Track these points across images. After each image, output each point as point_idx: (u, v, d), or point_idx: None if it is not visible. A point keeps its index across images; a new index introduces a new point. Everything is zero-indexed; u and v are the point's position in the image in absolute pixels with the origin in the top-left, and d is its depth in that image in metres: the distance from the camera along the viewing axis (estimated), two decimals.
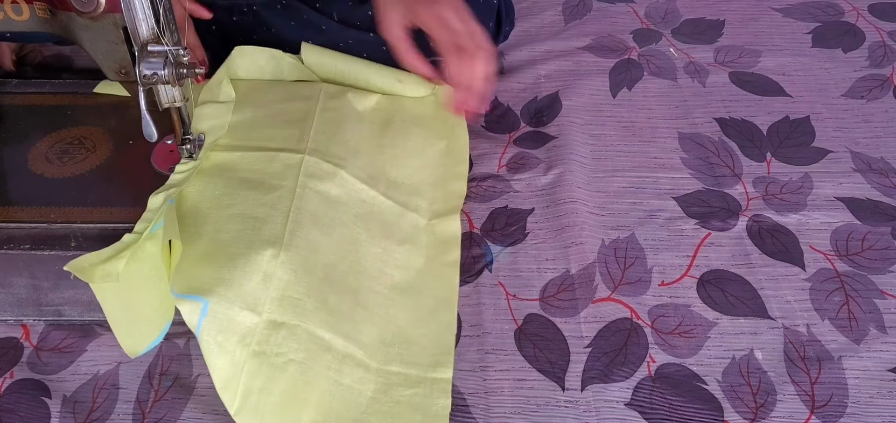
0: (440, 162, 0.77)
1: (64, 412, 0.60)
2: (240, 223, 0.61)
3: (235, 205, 0.62)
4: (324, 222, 0.64)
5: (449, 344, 0.63)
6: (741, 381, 0.62)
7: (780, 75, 0.92)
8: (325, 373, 0.58)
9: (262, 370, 0.56)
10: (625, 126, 0.86)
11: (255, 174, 0.65)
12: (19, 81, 0.78)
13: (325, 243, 0.63)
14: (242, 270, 0.58)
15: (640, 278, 0.70)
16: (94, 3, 0.56)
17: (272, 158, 0.67)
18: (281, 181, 0.65)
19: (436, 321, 0.64)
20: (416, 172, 0.75)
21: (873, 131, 0.84)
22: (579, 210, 0.75)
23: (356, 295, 0.63)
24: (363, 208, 0.68)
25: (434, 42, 0.73)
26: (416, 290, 0.66)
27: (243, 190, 0.63)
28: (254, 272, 0.58)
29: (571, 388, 0.62)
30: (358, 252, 0.65)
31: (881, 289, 0.68)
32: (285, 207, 0.62)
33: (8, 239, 0.62)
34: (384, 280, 0.66)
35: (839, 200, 0.76)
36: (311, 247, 0.61)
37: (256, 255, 0.58)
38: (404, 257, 0.68)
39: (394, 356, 0.62)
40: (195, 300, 0.56)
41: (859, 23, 1.00)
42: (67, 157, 0.70)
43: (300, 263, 0.60)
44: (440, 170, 0.76)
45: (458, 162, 0.78)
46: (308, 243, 0.61)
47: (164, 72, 0.57)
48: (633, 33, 0.99)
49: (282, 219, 0.61)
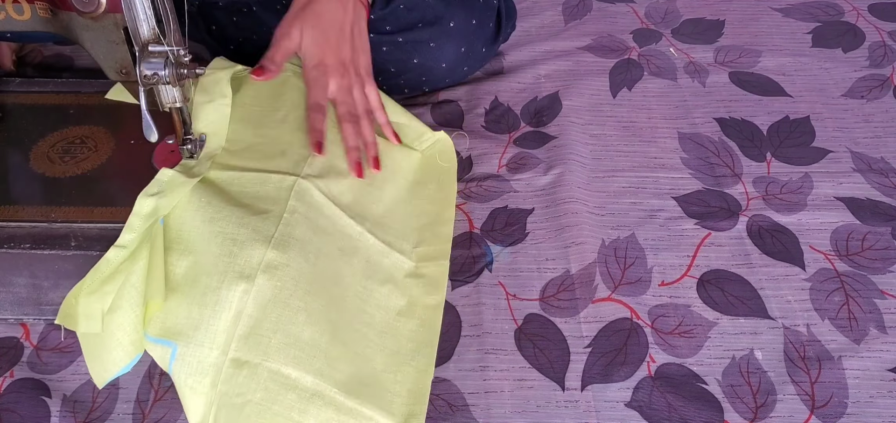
0: (427, 206, 0.75)
1: (64, 411, 0.60)
2: (219, 245, 0.59)
3: (219, 221, 0.60)
4: (308, 250, 0.61)
5: (424, 391, 0.60)
6: (741, 381, 0.62)
7: (780, 75, 0.92)
8: (286, 414, 0.56)
9: (223, 410, 0.55)
10: (625, 126, 0.86)
11: (245, 196, 0.63)
12: (22, 81, 0.78)
13: (307, 272, 0.60)
14: (212, 309, 0.56)
15: (640, 278, 0.70)
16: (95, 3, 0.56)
17: (265, 179, 0.65)
18: (269, 205, 0.62)
19: (412, 367, 0.62)
20: (403, 212, 0.73)
21: (873, 131, 0.84)
22: (579, 210, 0.75)
23: (335, 329, 0.60)
24: (348, 243, 0.66)
25: (334, 107, 0.74)
26: (396, 332, 0.64)
27: (230, 207, 0.61)
28: (224, 310, 0.56)
29: (571, 388, 0.62)
30: (339, 286, 0.62)
31: (881, 289, 0.68)
32: (268, 232, 0.60)
33: (8, 238, 0.62)
34: (363, 319, 0.63)
35: (839, 200, 0.76)
36: (291, 275, 0.59)
37: (228, 291, 0.57)
38: (385, 298, 0.65)
39: (369, 396, 0.58)
40: (165, 345, 0.57)
41: (859, 23, 1.00)
42: (69, 156, 0.70)
43: (274, 295, 0.57)
44: (427, 213, 0.74)
45: (446, 207, 0.75)
46: (288, 272, 0.59)
47: (165, 72, 0.57)
48: (633, 33, 0.99)
49: (262, 246, 0.59)
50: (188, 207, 0.62)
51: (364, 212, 0.69)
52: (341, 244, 0.65)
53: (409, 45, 0.83)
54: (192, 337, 0.56)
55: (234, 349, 0.56)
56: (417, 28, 0.82)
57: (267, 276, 0.57)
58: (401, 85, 0.86)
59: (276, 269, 0.58)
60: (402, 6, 0.82)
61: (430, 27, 0.82)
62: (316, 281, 0.60)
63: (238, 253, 0.58)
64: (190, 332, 0.56)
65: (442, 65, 0.85)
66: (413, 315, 0.65)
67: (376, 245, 0.68)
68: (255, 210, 0.62)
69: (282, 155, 0.68)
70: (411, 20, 0.82)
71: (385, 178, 0.74)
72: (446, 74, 0.87)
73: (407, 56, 0.83)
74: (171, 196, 0.61)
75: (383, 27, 0.82)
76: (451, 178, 0.78)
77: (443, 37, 0.83)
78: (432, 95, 0.89)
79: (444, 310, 0.67)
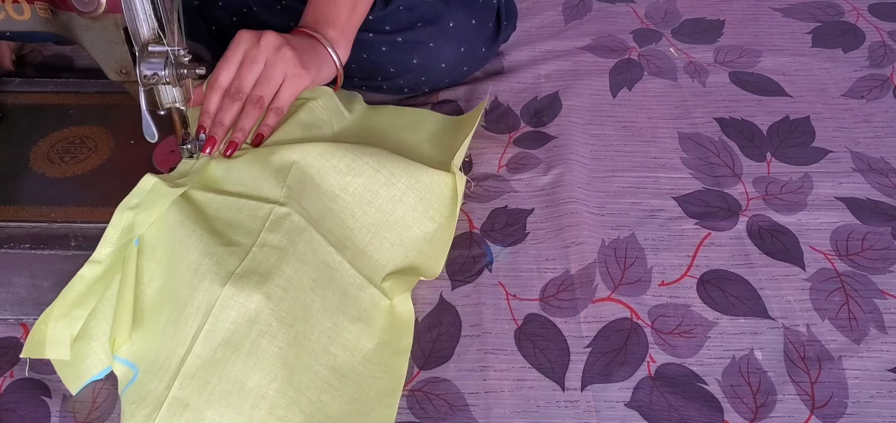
0: (421, 246, 0.70)
1: (64, 411, 0.60)
2: (184, 273, 0.58)
3: (188, 247, 0.59)
4: (274, 284, 0.57)
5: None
6: (741, 381, 0.62)
7: (780, 75, 0.92)
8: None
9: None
10: (625, 126, 0.86)
11: (218, 222, 0.61)
12: (22, 81, 0.78)
13: (266, 312, 0.56)
14: (171, 340, 0.56)
15: (640, 278, 0.70)
16: (95, 3, 0.56)
17: (241, 206, 0.62)
18: (241, 236, 0.60)
19: (371, 419, 0.59)
20: (392, 248, 0.69)
21: (873, 131, 0.84)
22: (579, 210, 0.75)
23: (290, 373, 0.57)
24: (324, 273, 0.62)
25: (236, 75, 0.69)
26: (358, 378, 0.61)
27: (199, 232, 0.59)
28: (179, 345, 0.55)
29: (571, 388, 0.62)
30: (306, 323, 0.59)
31: (881, 289, 0.68)
32: (231, 266, 0.57)
33: (8, 238, 0.62)
34: (326, 360, 0.60)
35: (839, 200, 0.76)
36: (246, 315, 0.56)
37: (184, 325, 0.56)
38: (354, 338, 0.62)
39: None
40: (130, 367, 0.57)
41: (859, 23, 1.00)
42: (69, 156, 0.70)
43: (225, 337, 0.55)
44: (417, 254, 0.70)
45: (441, 251, 0.70)
46: (243, 311, 0.56)
47: (165, 72, 0.57)
48: (633, 33, 0.99)
49: (220, 283, 0.56)
50: (163, 227, 0.61)
51: (345, 239, 0.66)
52: (317, 275, 0.61)
53: (408, 45, 0.83)
54: (151, 366, 0.56)
55: (176, 387, 0.54)
56: (417, 28, 0.82)
57: (221, 315, 0.55)
58: (400, 85, 0.86)
59: (230, 308, 0.56)
60: (402, 6, 0.82)
61: (429, 27, 0.82)
62: (277, 319, 0.57)
63: (198, 286, 0.56)
64: (150, 360, 0.57)
65: (441, 65, 0.85)
66: (380, 361, 0.62)
67: (354, 278, 0.64)
68: (226, 239, 0.60)
69: (263, 177, 0.64)
70: (411, 20, 0.82)
71: (383, 204, 0.69)
72: (446, 74, 0.86)
73: (406, 56, 0.83)
74: (150, 211, 0.60)
75: (382, 27, 0.82)
76: (454, 218, 0.71)
77: (442, 37, 0.83)
78: (432, 95, 0.89)
79: (444, 310, 0.67)
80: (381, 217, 0.68)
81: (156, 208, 0.60)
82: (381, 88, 0.87)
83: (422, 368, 0.63)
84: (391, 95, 0.89)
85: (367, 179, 0.67)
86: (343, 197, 0.67)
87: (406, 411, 0.61)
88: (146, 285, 0.60)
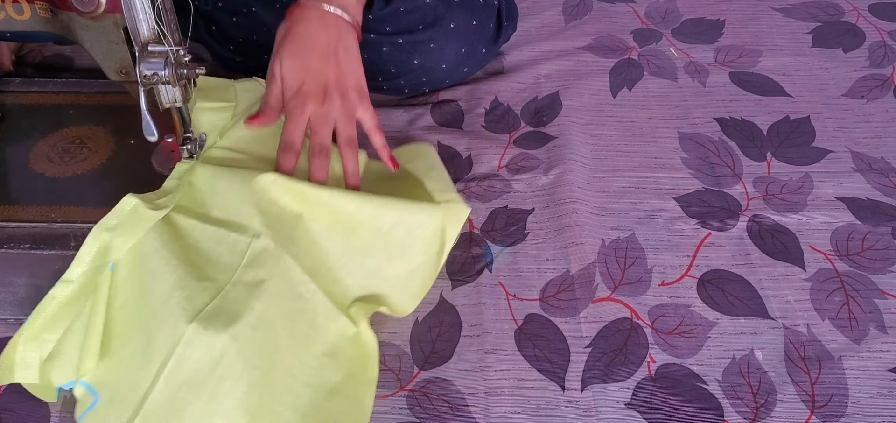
0: (399, 279, 0.65)
1: (64, 411, 0.60)
2: (155, 305, 0.57)
3: (161, 277, 0.58)
4: (243, 324, 0.56)
5: None
6: (741, 381, 0.62)
7: (780, 75, 0.92)
8: None
9: None
10: (625, 126, 0.86)
11: (196, 253, 0.60)
12: (22, 81, 0.78)
13: (231, 351, 0.55)
14: (135, 374, 0.55)
15: (640, 278, 0.70)
16: (95, 2, 0.56)
17: (221, 238, 0.61)
18: (216, 272, 0.59)
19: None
20: (367, 276, 0.64)
21: (873, 131, 0.84)
22: (579, 210, 0.75)
23: (252, 418, 0.55)
24: (296, 305, 0.60)
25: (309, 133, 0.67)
26: (324, 416, 0.59)
27: (175, 262, 0.58)
28: (143, 379, 0.55)
29: (571, 388, 0.62)
30: (272, 363, 0.57)
31: (881, 289, 0.68)
32: (201, 303, 0.56)
33: (8, 238, 0.62)
34: (288, 400, 0.58)
35: (839, 200, 0.76)
36: (211, 356, 0.55)
37: (149, 361, 0.55)
38: (320, 373, 0.59)
39: None
40: (91, 393, 0.57)
41: (859, 23, 1.00)
42: (69, 156, 0.70)
43: (187, 377, 0.54)
44: (392, 285, 0.65)
45: (418, 290, 0.66)
46: (208, 351, 0.55)
47: (165, 72, 0.57)
48: (633, 33, 0.99)
49: (185, 321, 0.55)
50: (139, 253, 0.59)
51: (319, 263, 0.62)
52: (289, 307, 0.59)
53: (409, 46, 0.83)
54: (112, 396, 0.56)
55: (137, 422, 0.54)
56: (418, 30, 0.82)
57: (186, 353, 0.54)
58: (401, 85, 0.86)
59: (195, 347, 0.54)
60: (403, 8, 0.82)
61: (430, 28, 0.82)
62: (242, 361, 0.55)
63: (165, 320, 0.56)
64: (113, 390, 0.56)
65: (442, 66, 0.85)
66: (347, 394, 0.60)
67: (325, 308, 0.61)
68: (201, 273, 0.58)
69: (244, 197, 0.62)
70: (412, 22, 0.82)
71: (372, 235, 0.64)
72: (446, 74, 0.87)
73: (407, 57, 0.83)
74: (128, 235, 0.59)
75: (383, 28, 0.82)
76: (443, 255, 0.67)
77: (443, 38, 0.83)
78: (432, 95, 0.89)
79: (444, 310, 0.67)
80: (363, 244, 0.64)
81: (134, 233, 0.59)
82: (382, 89, 0.87)
83: (422, 368, 0.63)
84: (392, 95, 0.89)
85: (355, 206, 0.64)
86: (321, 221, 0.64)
87: (406, 411, 0.61)
88: (117, 311, 0.59)
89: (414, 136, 0.84)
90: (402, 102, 0.89)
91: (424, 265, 0.65)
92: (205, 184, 0.64)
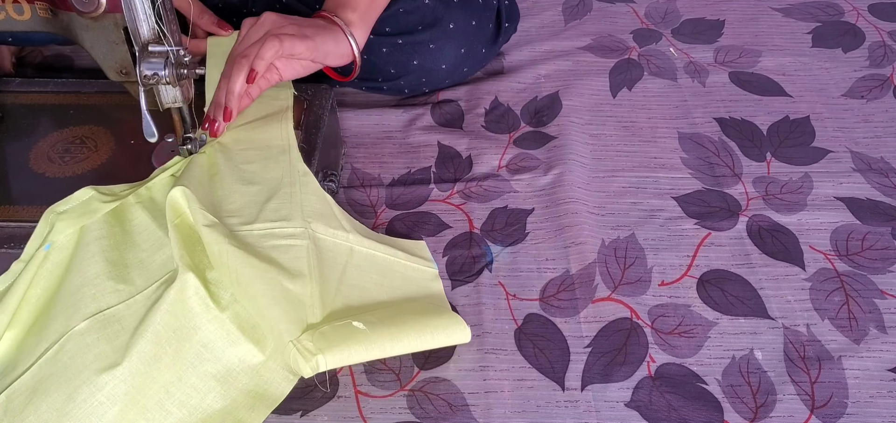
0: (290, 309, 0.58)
1: None
2: (69, 294, 0.57)
3: (85, 269, 0.58)
4: (128, 329, 0.55)
5: None
6: (741, 381, 0.62)
7: (780, 75, 0.92)
8: None
9: None
10: (625, 126, 0.86)
11: (136, 252, 0.59)
12: (22, 81, 0.78)
13: (106, 355, 0.54)
14: (24, 355, 0.56)
15: (640, 278, 0.70)
16: (95, 3, 0.56)
17: (163, 245, 0.59)
18: (136, 278, 0.58)
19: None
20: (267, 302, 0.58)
21: (873, 131, 0.84)
22: (579, 210, 0.75)
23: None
24: (191, 322, 0.57)
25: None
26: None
27: (102, 260, 0.58)
28: (25, 361, 0.55)
29: (571, 388, 0.62)
30: (147, 374, 0.55)
31: (881, 289, 0.68)
32: (104, 304, 0.56)
33: (9, 238, 0.62)
34: (154, 416, 0.55)
35: (839, 200, 0.76)
36: (83, 357, 0.54)
37: (36, 347, 0.55)
38: (198, 396, 0.56)
39: None
40: None
41: (859, 23, 1.00)
42: (69, 156, 0.70)
43: (56, 371, 0.54)
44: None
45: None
46: (83, 352, 0.54)
47: (165, 72, 0.57)
48: (633, 33, 0.99)
49: (82, 317, 0.55)
50: (80, 238, 0.59)
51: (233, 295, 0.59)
52: (181, 324, 0.56)
53: (408, 47, 0.83)
54: (3, 369, 0.56)
55: (3, 397, 0.54)
56: (417, 30, 0.82)
57: (63, 348, 0.54)
58: (401, 86, 0.86)
59: (73, 343, 0.54)
60: (402, 9, 0.82)
61: (429, 29, 0.82)
62: (112, 366, 0.53)
63: (64, 310, 0.55)
64: (6, 362, 0.56)
65: (442, 66, 0.85)
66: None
67: (228, 332, 0.58)
68: (121, 275, 0.57)
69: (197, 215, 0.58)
70: (411, 23, 0.82)
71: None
72: (446, 75, 0.87)
73: (407, 58, 0.83)
74: (72, 221, 0.59)
75: (383, 29, 0.82)
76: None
77: (443, 39, 0.83)
78: (432, 95, 0.90)
79: None
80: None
81: (79, 220, 0.59)
82: (382, 89, 0.87)
83: (422, 368, 0.63)
84: (392, 96, 0.89)
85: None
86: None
87: (406, 411, 0.61)
88: (36, 289, 0.59)
89: (414, 136, 0.84)
90: (402, 101, 0.89)
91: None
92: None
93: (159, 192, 0.64)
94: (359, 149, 0.83)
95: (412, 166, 0.81)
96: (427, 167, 0.81)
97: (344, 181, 0.80)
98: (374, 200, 0.78)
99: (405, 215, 0.76)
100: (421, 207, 0.77)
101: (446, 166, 0.81)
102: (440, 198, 0.78)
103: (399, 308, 0.62)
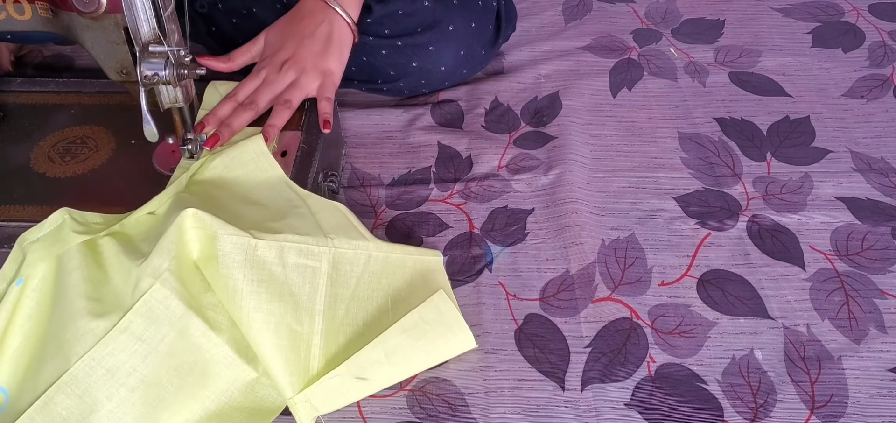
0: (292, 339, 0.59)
1: None
2: (53, 335, 0.56)
3: (59, 305, 0.57)
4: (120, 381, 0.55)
5: None
6: (741, 381, 0.62)
7: (780, 75, 0.92)
8: None
9: None
10: (625, 126, 0.86)
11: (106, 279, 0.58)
12: (22, 81, 0.78)
13: (103, 410, 0.54)
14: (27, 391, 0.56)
15: (640, 278, 0.70)
16: (96, 3, 0.56)
17: (128, 272, 0.57)
18: (111, 308, 0.56)
19: None
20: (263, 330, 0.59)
21: (873, 131, 0.84)
22: (579, 210, 0.75)
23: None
24: (192, 357, 0.57)
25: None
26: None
27: (70, 297, 0.57)
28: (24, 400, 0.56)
29: (571, 388, 0.62)
30: (151, 417, 0.55)
31: (881, 289, 0.68)
32: (86, 345, 0.54)
33: (9, 238, 0.62)
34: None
35: (839, 200, 0.76)
36: (80, 409, 0.54)
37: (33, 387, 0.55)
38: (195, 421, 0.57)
39: None
40: (2, 391, 0.57)
41: (859, 23, 1.00)
42: (70, 156, 0.70)
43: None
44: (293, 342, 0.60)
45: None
46: (80, 405, 0.54)
47: (165, 72, 0.57)
48: (633, 33, 0.99)
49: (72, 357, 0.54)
50: (58, 267, 0.58)
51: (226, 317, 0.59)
52: (183, 360, 0.57)
53: (407, 48, 0.83)
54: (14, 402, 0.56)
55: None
56: (416, 32, 0.82)
57: (54, 399, 0.54)
58: (400, 88, 0.86)
59: (65, 395, 0.54)
60: (401, 11, 0.82)
61: (428, 31, 0.82)
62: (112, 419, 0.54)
63: (57, 351, 0.55)
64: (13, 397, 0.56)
65: (441, 68, 0.85)
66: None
67: (227, 358, 0.58)
68: (97, 309, 0.56)
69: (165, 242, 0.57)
70: (410, 25, 0.82)
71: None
72: (445, 76, 0.87)
73: (406, 60, 0.83)
74: (43, 252, 0.58)
75: (382, 31, 0.82)
76: None
77: (442, 40, 0.83)
78: (432, 96, 0.90)
79: None
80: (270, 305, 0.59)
81: (50, 251, 0.59)
82: (381, 91, 0.87)
83: None
84: (391, 97, 0.89)
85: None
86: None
87: (406, 411, 0.61)
88: (24, 321, 0.58)
89: (414, 136, 0.84)
90: (402, 102, 0.89)
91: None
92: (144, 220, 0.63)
93: (133, 228, 0.62)
94: (359, 149, 0.83)
95: (412, 166, 0.81)
96: (427, 167, 0.81)
97: (344, 181, 0.80)
98: (375, 200, 0.78)
99: (405, 215, 0.76)
100: (421, 207, 0.77)
101: (446, 166, 0.81)
102: (440, 198, 0.78)
103: (403, 327, 0.61)
